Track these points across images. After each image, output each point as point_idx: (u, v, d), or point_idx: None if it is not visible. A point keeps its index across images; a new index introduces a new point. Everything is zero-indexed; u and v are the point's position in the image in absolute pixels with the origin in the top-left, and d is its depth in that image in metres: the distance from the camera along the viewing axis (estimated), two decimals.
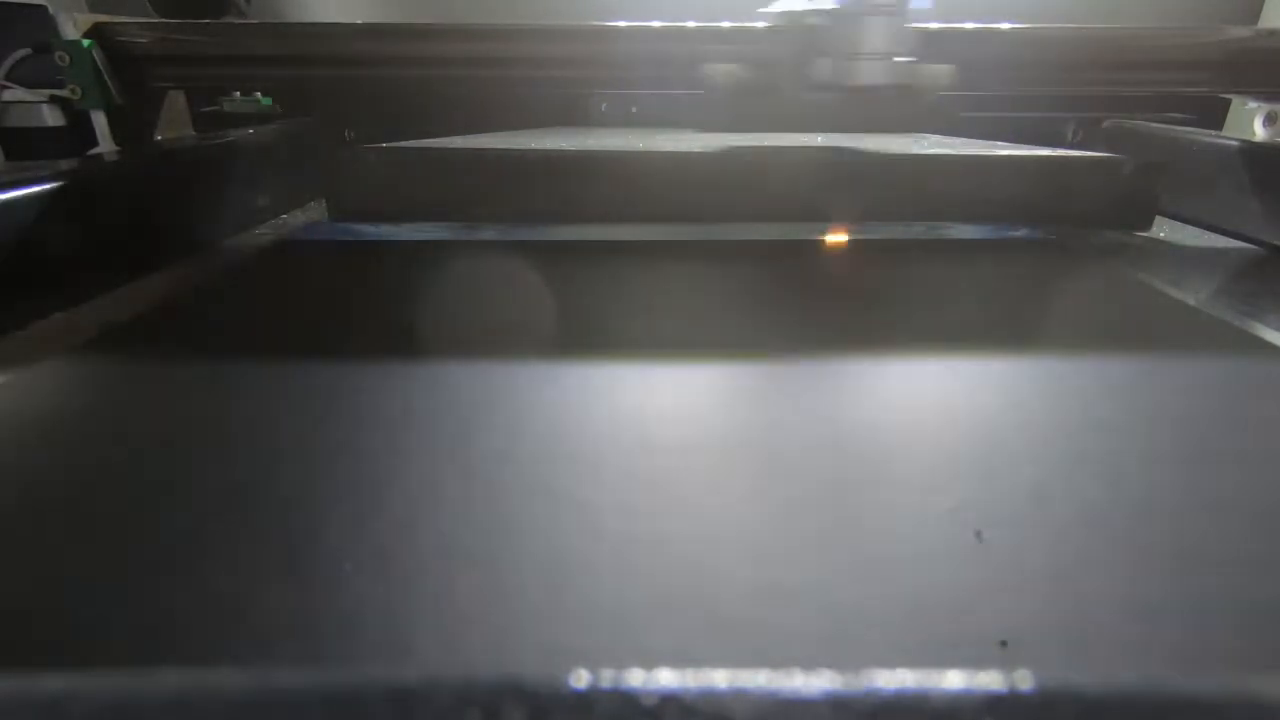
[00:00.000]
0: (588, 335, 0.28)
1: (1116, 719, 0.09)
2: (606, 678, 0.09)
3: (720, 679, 0.09)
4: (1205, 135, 0.51)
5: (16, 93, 0.43)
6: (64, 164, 0.37)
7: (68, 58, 0.41)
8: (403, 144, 0.50)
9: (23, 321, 0.29)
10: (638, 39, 0.43)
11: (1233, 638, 0.13)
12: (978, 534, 0.16)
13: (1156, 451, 0.20)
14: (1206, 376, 0.25)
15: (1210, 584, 0.14)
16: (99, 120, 0.43)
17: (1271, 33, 0.44)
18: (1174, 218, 0.50)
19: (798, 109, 0.43)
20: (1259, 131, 0.49)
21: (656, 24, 0.43)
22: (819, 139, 0.57)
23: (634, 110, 0.71)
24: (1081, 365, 0.25)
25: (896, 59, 0.40)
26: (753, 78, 0.41)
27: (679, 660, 0.11)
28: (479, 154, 0.47)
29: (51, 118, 0.45)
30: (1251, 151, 0.45)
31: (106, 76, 0.42)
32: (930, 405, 0.22)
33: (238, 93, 0.61)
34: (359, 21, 0.45)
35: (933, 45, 0.42)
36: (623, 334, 0.29)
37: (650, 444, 0.20)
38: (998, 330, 0.30)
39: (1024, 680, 0.09)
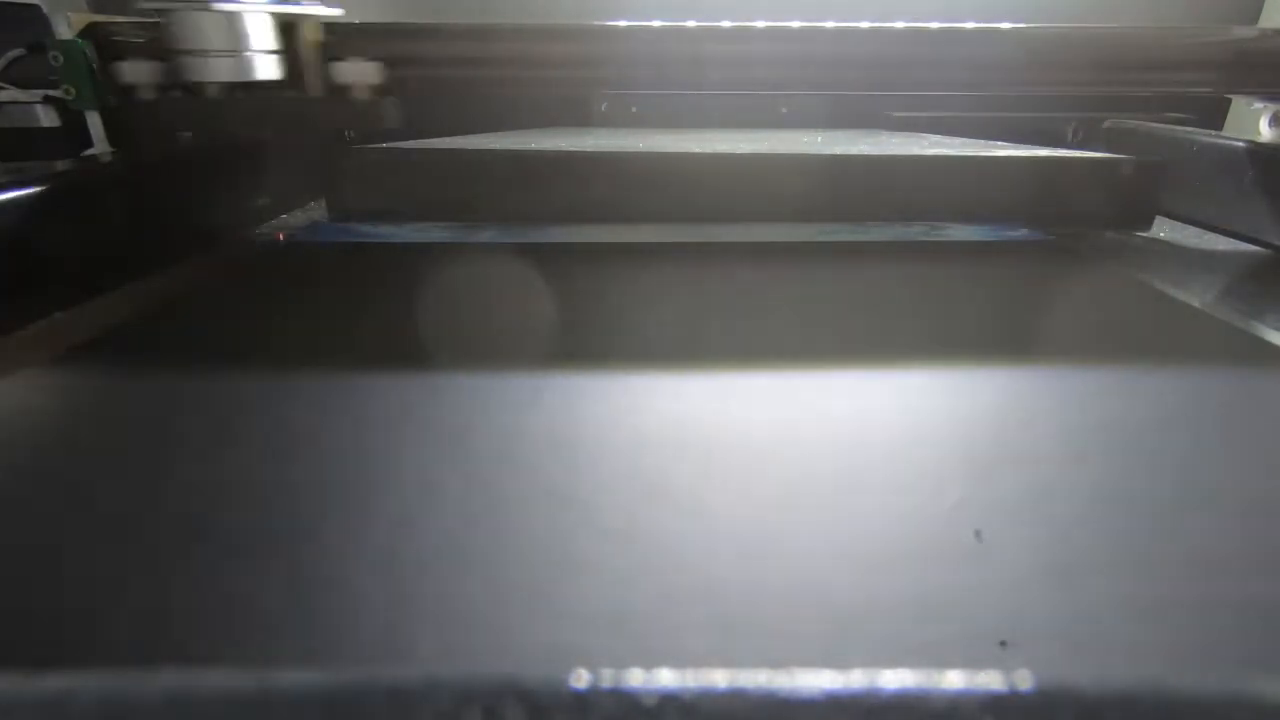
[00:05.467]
0: (588, 337, 0.28)
1: (1116, 719, 0.09)
2: (606, 678, 0.09)
3: (720, 679, 0.09)
4: (1205, 135, 0.51)
5: (10, 93, 0.43)
6: (60, 165, 0.37)
7: (61, 57, 0.41)
8: (403, 144, 0.50)
9: (22, 322, 0.29)
10: (638, 39, 0.43)
11: (1233, 638, 0.13)
12: (977, 534, 0.16)
13: (1157, 452, 0.20)
14: (1207, 377, 0.25)
15: (1210, 584, 0.14)
16: (94, 121, 0.43)
17: (1277, 32, 0.44)
18: (1174, 218, 0.50)
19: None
20: (1265, 132, 0.49)
21: (656, 24, 0.43)
22: (819, 139, 0.57)
23: (634, 110, 0.71)
24: (1082, 366, 0.25)
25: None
26: None
27: (679, 660, 0.11)
28: (479, 154, 0.47)
29: (46, 118, 0.45)
30: (1252, 151, 0.45)
31: (101, 76, 0.42)
32: (929, 406, 0.22)
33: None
34: (359, 22, 0.45)
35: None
36: (623, 335, 0.29)
37: (650, 445, 0.20)
38: (997, 331, 0.30)
39: (1024, 680, 0.09)
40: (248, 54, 0.40)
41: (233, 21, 0.39)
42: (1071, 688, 0.09)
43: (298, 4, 0.41)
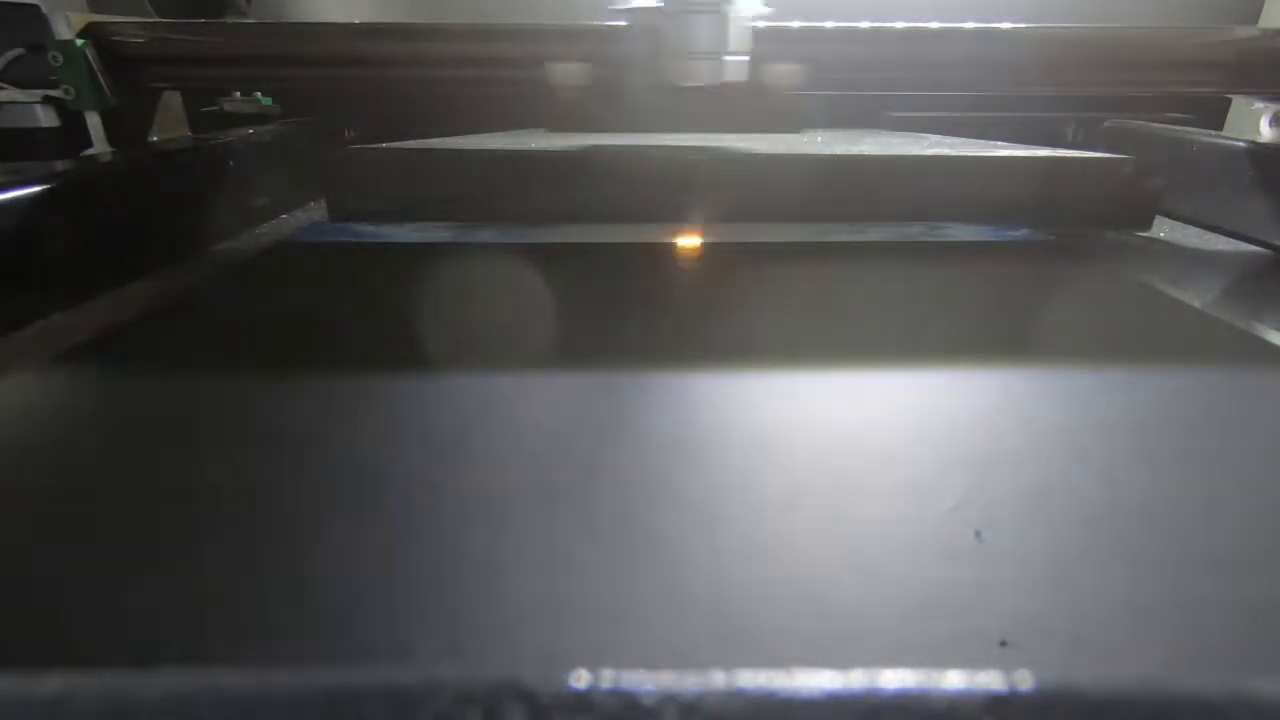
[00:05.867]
0: (588, 338, 0.28)
1: (1116, 719, 0.09)
2: (606, 678, 0.09)
3: (720, 679, 0.09)
4: (1205, 135, 0.51)
5: (10, 93, 0.43)
6: (59, 165, 0.37)
7: (60, 58, 0.41)
8: (403, 144, 0.50)
9: (22, 322, 0.29)
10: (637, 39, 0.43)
11: (1233, 638, 0.13)
12: (978, 534, 0.16)
13: (1158, 453, 0.20)
14: (1207, 378, 0.25)
15: (1210, 584, 0.14)
16: (93, 121, 0.43)
17: (1277, 32, 0.44)
18: (1174, 218, 0.50)
19: (646, 110, 0.42)
20: (1265, 132, 0.49)
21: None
22: (819, 139, 0.57)
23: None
24: (1082, 366, 0.25)
25: (732, 58, 0.39)
26: (598, 78, 0.41)
27: (679, 660, 0.11)
28: (479, 154, 0.47)
29: (45, 118, 0.45)
30: (1252, 151, 0.45)
31: (100, 76, 0.42)
32: (930, 406, 0.22)
33: (238, 93, 0.61)
34: (359, 21, 0.45)
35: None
36: (623, 337, 0.29)
37: (650, 445, 0.20)
38: (997, 332, 0.30)
39: (1024, 680, 0.09)
40: (727, 58, 0.39)
41: (722, 25, 0.39)
42: (1071, 688, 0.09)
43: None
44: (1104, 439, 0.20)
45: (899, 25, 0.43)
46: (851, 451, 0.19)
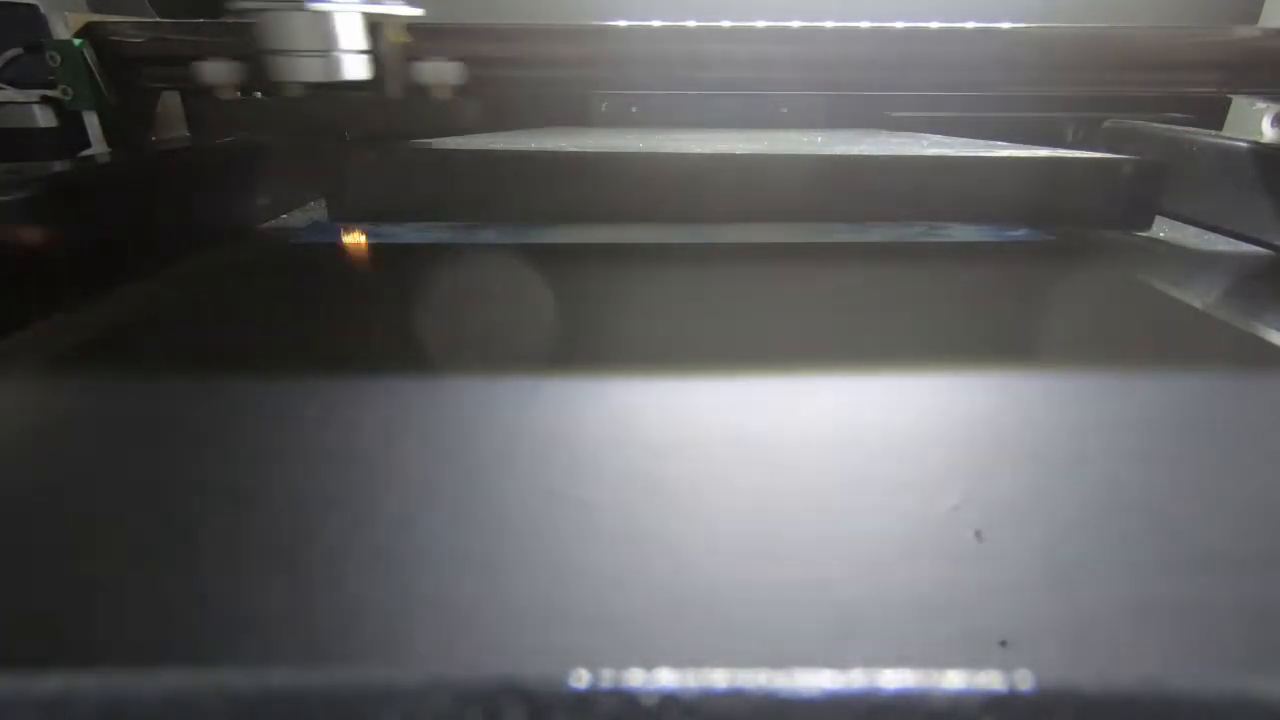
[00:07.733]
0: (588, 338, 0.28)
1: (1116, 719, 0.09)
2: (606, 678, 0.09)
3: (720, 679, 0.09)
4: (1205, 135, 0.51)
5: (8, 93, 0.43)
6: (57, 165, 0.37)
7: (58, 57, 0.41)
8: (403, 144, 0.50)
9: (22, 322, 0.29)
10: (638, 39, 0.43)
11: (1233, 638, 0.13)
12: (978, 534, 0.16)
13: (1157, 453, 0.20)
14: (1208, 378, 0.25)
15: (1210, 584, 0.14)
16: (92, 121, 0.43)
17: (1277, 32, 0.44)
18: (1174, 218, 0.50)
19: (313, 109, 0.42)
20: (1267, 131, 0.49)
21: (656, 24, 0.43)
22: (819, 139, 0.57)
23: (634, 110, 0.71)
24: (1082, 367, 0.25)
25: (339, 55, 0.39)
26: (245, 77, 0.41)
27: (679, 660, 0.11)
28: (479, 154, 0.47)
29: (43, 119, 0.45)
30: (1252, 151, 0.45)
31: (98, 76, 0.42)
32: (930, 407, 0.22)
33: (238, 93, 0.60)
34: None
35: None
36: (623, 337, 0.29)
37: (650, 446, 0.20)
38: (998, 332, 0.30)
39: (1024, 680, 0.09)
40: (336, 54, 0.39)
41: (323, 21, 0.39)
42: (1071, 688, 0.09)
43: (380, 4, 0.41)
44: (1104, 439, 0.20)
45: (899, 25, 0.43)
46: (852, 451, 0.19)
